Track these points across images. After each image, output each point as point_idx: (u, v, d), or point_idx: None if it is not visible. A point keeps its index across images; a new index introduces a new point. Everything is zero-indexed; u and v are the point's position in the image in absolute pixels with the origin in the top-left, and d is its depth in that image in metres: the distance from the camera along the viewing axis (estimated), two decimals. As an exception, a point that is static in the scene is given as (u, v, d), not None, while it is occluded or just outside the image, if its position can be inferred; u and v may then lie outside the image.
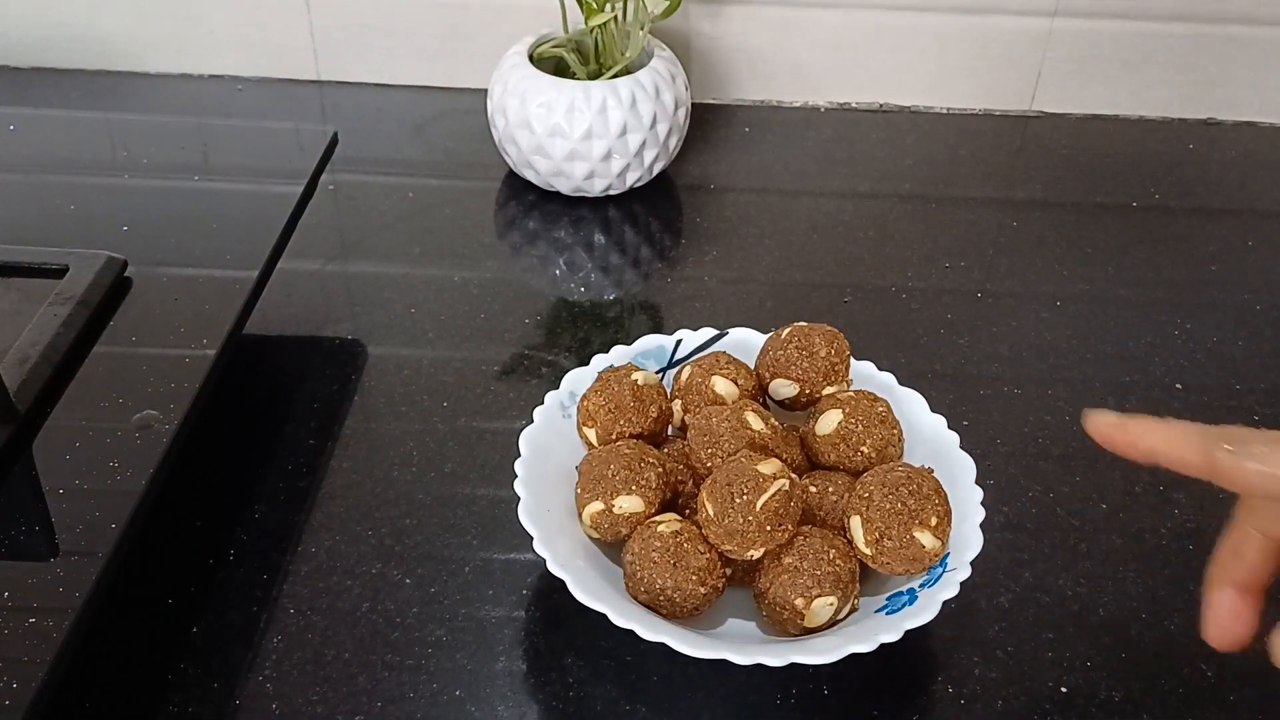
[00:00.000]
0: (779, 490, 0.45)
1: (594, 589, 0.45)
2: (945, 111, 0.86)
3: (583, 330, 0.65)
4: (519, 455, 0.50)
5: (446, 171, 0.78)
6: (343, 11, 0.83)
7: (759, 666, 0.43)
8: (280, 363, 0.63)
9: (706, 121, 0.84)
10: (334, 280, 0.69)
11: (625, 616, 0.44)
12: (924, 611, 0.44)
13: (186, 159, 0.65)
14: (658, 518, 0.48)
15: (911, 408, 0.53)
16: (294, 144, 0.67)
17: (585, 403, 0.52)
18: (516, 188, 0.76)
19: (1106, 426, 0.40)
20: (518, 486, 0.48)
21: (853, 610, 0.47)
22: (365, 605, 0.50)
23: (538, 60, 0.74)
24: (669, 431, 0.54)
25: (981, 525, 0.48)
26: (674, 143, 0.74)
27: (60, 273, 0.54)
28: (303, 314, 0.66)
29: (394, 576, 0.51)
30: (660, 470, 0.48)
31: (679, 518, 0.48)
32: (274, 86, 0.86)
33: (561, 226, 0.73)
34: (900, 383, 0.54)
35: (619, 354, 0.55)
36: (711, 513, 0.46)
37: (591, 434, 0.51)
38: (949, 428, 0.52)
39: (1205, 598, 0.39)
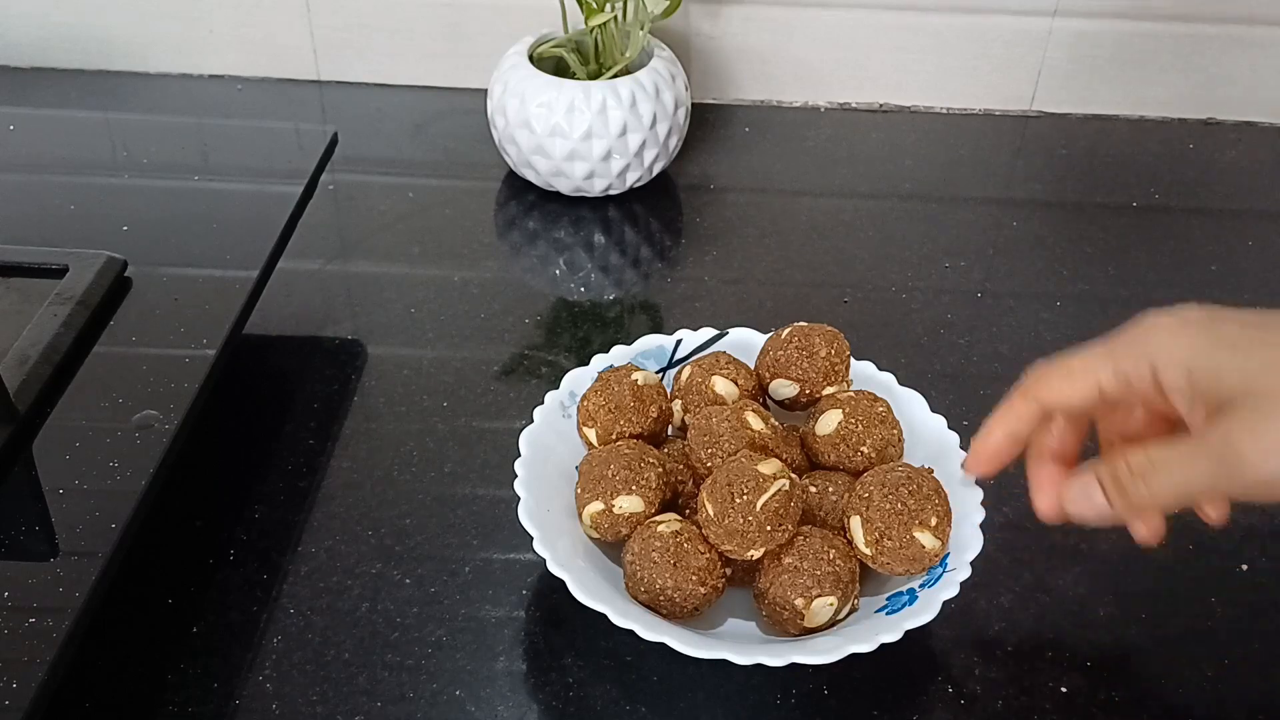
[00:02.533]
0: (779, 490, 0.45)
1: (594, 589, 0.45)
2: (945, 111, 0.86)
3: (583, 330, 0.65)
4: (519, 455, 0.50)
5: (446, 171, 0.78)
6: (343, 11, 0.83)
7: (759, 666, 0.43)
8: (280, 363, 0.63)
9: (706, 121, 0.84)
10: (334, 280, 0.69)
11: (625, 616, 0.44)
12: (924, 611, 0.44)
13: (186, 159, 0.65)
14: (658, 518, 0.48)
15: (911, 408, 0.53)
16: (294, 144, 0.67)
17: (585, 403, 0.52)
18: (516, 188, 0.76)
19: (977, 459, 0.46)
20: (518, 486, 0.48)
21: (853, 610, 0.47)
22: (365, 605, 0.50)
23: (538, 60, 0.74)
24: (669, 431, 0.54)
25: (981, 525, 0.48)
26: (674, 143, 0.74)
27: (60, 273, 0.54)
28: (303, 314, 0.66)
29: (394, 576, 0.51)
30: (660, 470, 0.48)
31: (679, 518, 0.48)
32: (274, 86, 0.86)
33: (561, 226, 0.73)
34: (900, 383, 0.54)
35: (619, 354, 0.55)
36: (711, 513, 0.46)
37: (591, 434, 0.51)
38: (949, 428, 0.52)
39: (1030, 474, 0.45)
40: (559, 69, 0.74)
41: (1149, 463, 0.39)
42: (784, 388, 0.53)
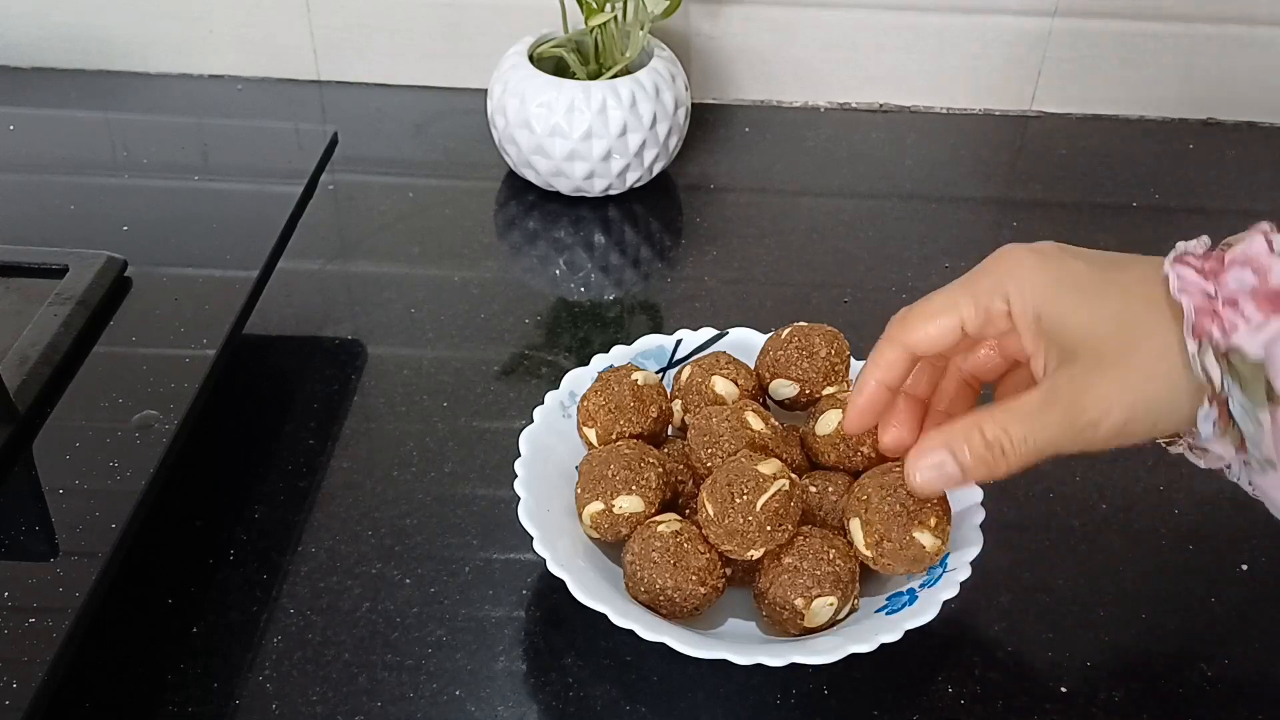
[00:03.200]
0: (779, 490, 0.45)
1: (594, 589, 0.45)
2: (945, 111, 0.86)
3: (583, 330, 0.65)
4: (519, 455, 0.50)
5: (446, 171, 0.78)
6: (343, 11, 0.83)
7: (759, 666, 0.43)
8: (280, 363, 0.63)
9: (706, 121, 0.84)
10: (334, 280, 0.69)
11: (625, 616, 0.44)
12: (924, 611, 0.44)
13: (186, 159, 0.65)
14: (658, 518, 0.48)
15: (911, 408, 0.53)
16: (294, 144, 0.67)
17: (585, 403, 0.52)
18: (516, 188, 0.76)
19: (856, 414, 0.45)
20: (518, 486, 0.48)
21: (853, 610, 0.47)
22: (365, 605, 0.50)
23: (538, 60, 0.74)
24: (669, 431, 0.54)
25: (981, 525, 0.48)
26: (674, 143, 0.74)
27: (60, 273, 0.54)
28: (303, 314, 0.66)
29: (394, 576, 0.51)
30: (660, 470, 0.48)
31: (679, 518, 0.48)
32: (274, 86, 0.86)
33: (561, 226, 0.73)
34: (900, 383, 0.54)
35: (619, 354, 0.55)
36: (711, 513, 0.46)
37: (591, 434, 0.51)
38: (949, 428, 0.52)
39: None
40: (559, 69, 0.74)
41: (1005, 434, 0.39)
42: (784, 388, 0.53)
